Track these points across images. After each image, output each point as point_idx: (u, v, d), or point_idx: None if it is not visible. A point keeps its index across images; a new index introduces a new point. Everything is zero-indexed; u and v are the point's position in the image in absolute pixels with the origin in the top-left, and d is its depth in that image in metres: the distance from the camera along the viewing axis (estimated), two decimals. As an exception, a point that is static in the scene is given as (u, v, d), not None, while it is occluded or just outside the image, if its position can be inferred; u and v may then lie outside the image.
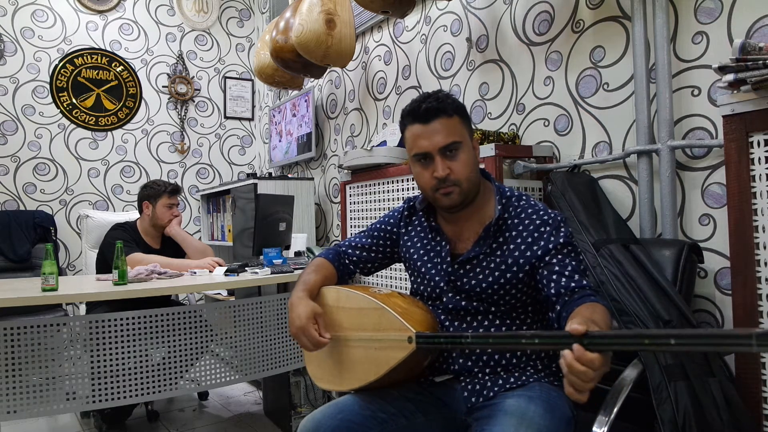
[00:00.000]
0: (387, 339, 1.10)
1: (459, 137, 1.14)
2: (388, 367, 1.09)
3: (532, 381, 1.13)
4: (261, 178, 3.22)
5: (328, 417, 1.11)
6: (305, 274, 1.30)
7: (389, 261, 1.40)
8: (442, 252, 1.22)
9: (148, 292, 1.87)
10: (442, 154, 1.13)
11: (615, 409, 1.09)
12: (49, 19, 3.79)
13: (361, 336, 1.16)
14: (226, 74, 4.43)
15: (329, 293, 1.26)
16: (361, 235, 1.41)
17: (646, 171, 1.57)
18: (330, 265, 1.35)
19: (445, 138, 1.12)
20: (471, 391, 1.15)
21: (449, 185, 1.13)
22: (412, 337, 1.06)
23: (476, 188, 1.18)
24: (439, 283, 1.21)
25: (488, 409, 1.09)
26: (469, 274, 1.17)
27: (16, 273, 3.28)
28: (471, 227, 1.20)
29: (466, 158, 1.14)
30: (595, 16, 1.78)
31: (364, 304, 1.17)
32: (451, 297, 1.20)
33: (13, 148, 3.66)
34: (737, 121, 1.16)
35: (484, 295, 1.16)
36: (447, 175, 1.12)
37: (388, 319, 1.11)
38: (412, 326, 1.07)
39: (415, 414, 1.15)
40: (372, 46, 2.97)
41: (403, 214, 1.34)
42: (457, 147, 1.13)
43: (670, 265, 1.37)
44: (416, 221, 1.31)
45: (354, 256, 1.37)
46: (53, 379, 1.80)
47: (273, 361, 2.21)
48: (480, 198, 1.20)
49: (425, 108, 1.13)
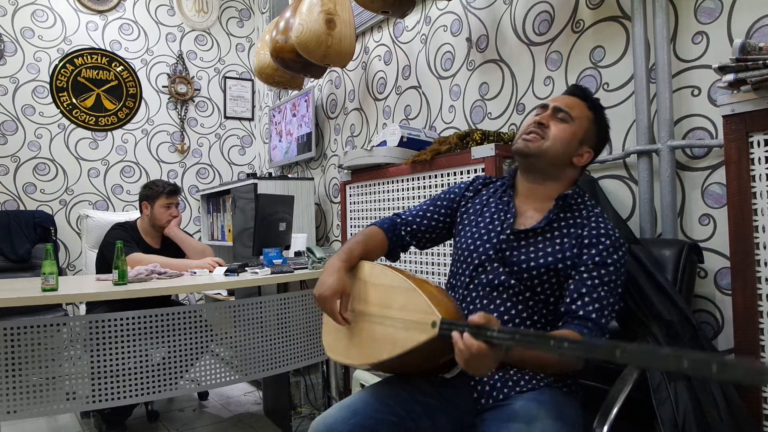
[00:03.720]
0: (410, 320, 1.06)
1: (576, 117, 1.21)
2: (404, 348, 1.05)
3: (543, 385, 1.13)
4: (261, 178, 3.23)
5: (341, 422, 1.08)
6: (352, 241, 1.28)
7: (446, 233, 1.38)
8: (504, 223, 1.23)
9: (148, 292, 1.87)
10: (554, 110, 1.22)
11: (615, 409, 1.09)
12: (49, 19, 3.79)
13: (384, 313, 1.12)
14: (226, 74, 4.43)
15: (365, 266, 1.23)
16: (421, 203, 1.40)
17: (646, 171, 1.57)
18: (382, 234, 1.33)
19: (565, 106, 1.22)
20: (481, 392, 1.15)
21: (537, 135, 1.21)
22: (437, 322, 1.01)
23: (553, 165, 1.21)
24: (489, 250, 1.21)
25: (497, 411, 1.08)
26: (521, 248, 1.19)
27: (16, 273, 3.28)
28: (539, 207, 1.23)
29: (567, 132, 1.20)
30: (595, 16, 1.78)
31: (396, 282, 1.14)
32: (495, 268, 1.20)
33: (13, 148, 3.66)
34: (737, 121, 1.16)
35: (526, 274, 1.16)
36: (542, 126, 1.21)
37: (416, 302, 1.07)
38: (438, 311, 1.03)
39: (422, 417, 1.14)
40: (372, 46, 2.97)
41: (472, 185, 1.37)
42: (567, 119, 1.21)
43: (670, 265, 1.37)
44: (486, 193, 1.33)
45: (413, 224, 1.36)
46: (53, 379, 1.80)
47: (273, 361, 2.21)
48: (559, 185, 1.24)
49: (576, 86, 1.29)
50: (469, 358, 0.91)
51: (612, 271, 1.12)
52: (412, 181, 2.09)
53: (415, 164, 2.06)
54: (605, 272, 1.12)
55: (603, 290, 1.11)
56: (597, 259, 1.12)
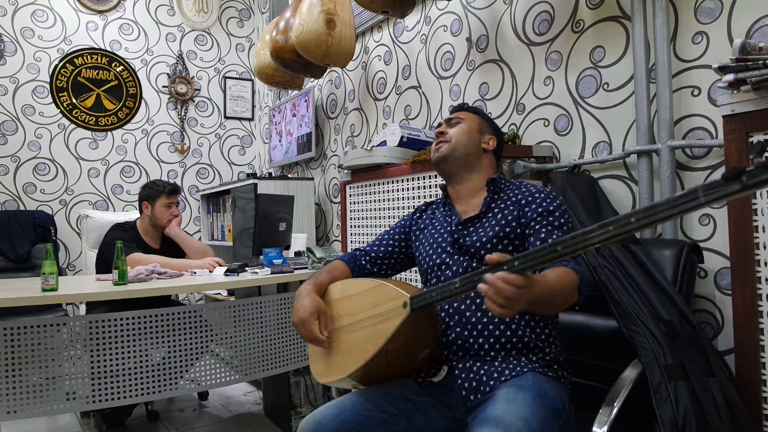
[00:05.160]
0: (384, 311, 1.11)
1: (465, 118, 1.40)
2: (383, 339, 1.08)
3: (526, 371, 1.15)
4: (261, 178, 3.23)
5: (329, 418, 1.11)
6: (318, 272, 1.38)
7: (405, 258, 1.47)
8: (451, 221, 1.34)
9: (148, 292, 1.87)
10: (447, 121, 1.42)
11: (615, 409, 1.09)
12: (49, 19, 3.79)
13: (360, 317, 1.17)
14: (226, 74, 4.43)
15: (335, 288, 1.31)
16: (378, 236, 1.52)
17: (646, 171, 1.57)
18: (344, 265, 1.43)
19: (453, 115, 1.43)
20: (468, 389, 1.16)
21: (442, 142, 1.38)
22: (407, 302, 1.07)
23: (467, 157, 1.35)
24: (445, 246, 1.30)
25: (483, 404, 1.10)
26: (471, 232, 1.28)
27: (16, 273, 3.28)
28: (476, 201, 1.34)
29: (464, 128, 1.38)
30: (595, 16, 1.78)
31: (365, 286, 1.21)
32: (456, 259, 1.27)
33: (13, 148, 3.66)
34: (737, 121, 1.16)
35: (483, 250, 1.23)
36: (442, 134, 1.39)
37: (386, 292, 1.13)
38: (406, 292, 1.09)
39: (415, 414, 1.15)
40: (372, 46, 2.97)
41: (417, 210, 1.50)
42: (459, 120, 1.40)
43: (670, 265, 1.37)
44: (429, 210, 1.46)
45: (371, 253, 1.46)
46: (53, 379, 1.80)
47: (273, 361, 2.21)
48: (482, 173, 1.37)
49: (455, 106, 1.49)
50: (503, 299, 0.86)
51: (558, 215, 1.22)
52: (412, 181, 2.09)
53: (415, 164, 2.06)
54: (553, 218, 1.21)
55: (560, 232, 1.20)
56: (541, 210, 1.22)
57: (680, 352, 1.21)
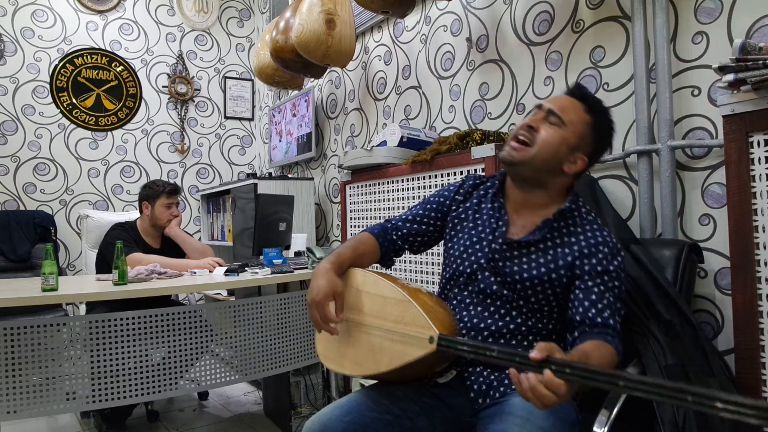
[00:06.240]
0: (407, 334, 1.06)
1: (569, 121, 1.15)
2: (402, 362, 1.05)
3: None
4: (261, 178, 3.23)
5: (335, 419, 1.09)
6: (342, 246, 1.26)
7: (438, 236, 1.36)
8: (496, 230, 1.21)
9: (148, 292, 1.87)
10: (546, 113, 1.17)
11: (615, 409, 1.09)
12: (49, 19, 3.79)
13: (380, 324, 1.12)
14: (226, 74, 4.43)
15: (356, 275, 1.22)
16: (411, 207, 1.37)
17: (646, 171, 1.57)
18: (373, 239, 1.31)
19: (558, 108, 1.16)
20: (477, 392, 1.15)
21: (524, 142, 1.16)
22: (434, 338, 1.01)
23: (540, 172, 1.17)
24: (480, 259, 1.20)
25: (494, 408, 1.09)
26: (514, 259, 1.17)
27: (16, 273, 3.28)
28: (532, 219, 1.20)
29: (556, 137, 1.14)
30: (595, 16, 1.78)
31: (389, 293, 1.13)
32: (486, 277, 1.19)
33: (13, 148, 3.66)
34: (737, 121, 1.16)
35: (519, 285, 1.15)
36: (532, 129, 1.16)
37: (412, 314, 1.07)
38: (435, 326, 1.03)
39: (419, 416, 1.14)
40: (372, 46, 2.97)
41: (462, 188, 1.33)
42: (559, 123, 1.15)
43: (670, 265, 1.37)
44: (476, 197, 1.30)
45: (404, 228, 1.33)
46: (53, 379, 1.80)
47: (273, 361, 2.21)
48: (550, 193, 1.20)
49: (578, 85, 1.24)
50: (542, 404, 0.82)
51: (614, 276, 1.12)
52: (412, 181, 2.09)
53: (415, 164, 2.06)
54: (608, 278, 1.12)
55: (611, 296, 1.11)
56: (599, 268, 1.12)
57: (680, 352, 1.22)
